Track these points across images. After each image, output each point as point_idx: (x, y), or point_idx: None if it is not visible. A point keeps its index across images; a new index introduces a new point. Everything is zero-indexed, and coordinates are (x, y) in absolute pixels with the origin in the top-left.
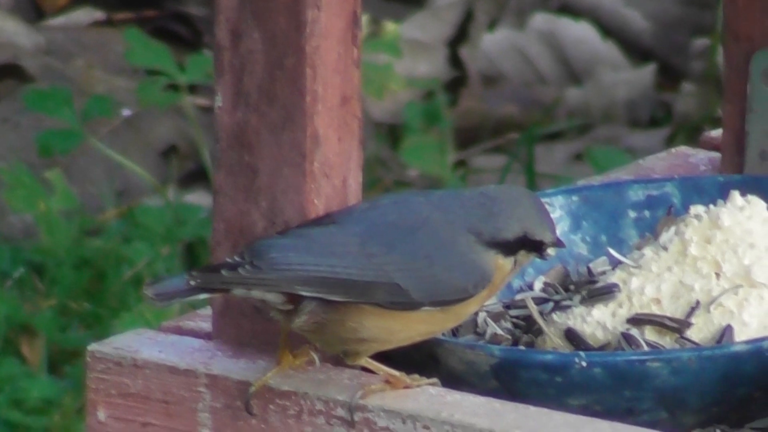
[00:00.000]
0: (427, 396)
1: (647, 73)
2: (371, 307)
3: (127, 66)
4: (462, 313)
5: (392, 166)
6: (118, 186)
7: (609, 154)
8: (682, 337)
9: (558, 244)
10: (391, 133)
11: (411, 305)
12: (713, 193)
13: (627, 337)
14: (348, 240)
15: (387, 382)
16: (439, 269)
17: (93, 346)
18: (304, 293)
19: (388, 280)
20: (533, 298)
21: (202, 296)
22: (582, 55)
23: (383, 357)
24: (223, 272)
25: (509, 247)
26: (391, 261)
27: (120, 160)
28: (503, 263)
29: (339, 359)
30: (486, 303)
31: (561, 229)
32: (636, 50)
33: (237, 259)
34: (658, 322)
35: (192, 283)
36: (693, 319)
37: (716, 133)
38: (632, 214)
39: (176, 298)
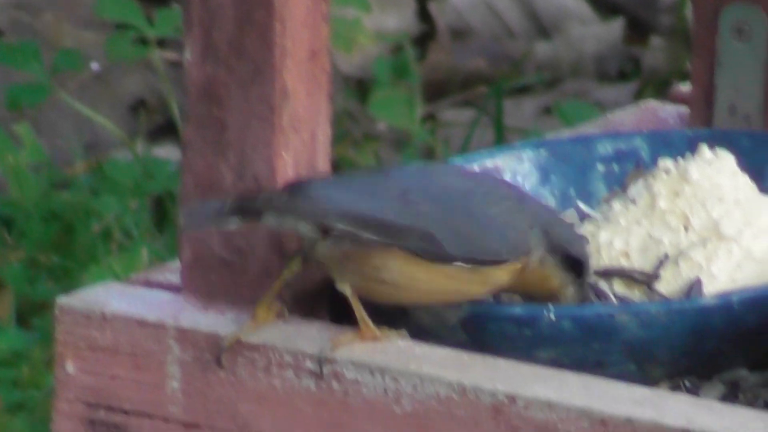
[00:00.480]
0: (395, 349)
1: (616, 27)
2: (399, 251)
3: (96, 20)
4: (489, 279)
5: (361, 120)
6: (87, 140)
7: (577, 108)
8: (651, 291)
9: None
10: (360, 88)
11: (443, 257)
12: (682, 147)
13: (595, 290)
14: (391, 186)
15: (356, 333)
16: (478, 227)
17: (61, 299)
18: (338, 225)
19: (423, 227)
20: None
21: (234, 222)
22: (550, 9)
23: (346, 313)
24: (258, 203)
25: (567, 262)
26: (430, 211)
27: (89, 114)
28: (548, 267)
29: (307, 312)
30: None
31: (530, 182)
32: (604, 4)
33: (273, 194)
34: (627, 276)
35: (228, 205)
36: (662, 273)
37: (685, 87)
38: (601, 167)
39: (208, 222)
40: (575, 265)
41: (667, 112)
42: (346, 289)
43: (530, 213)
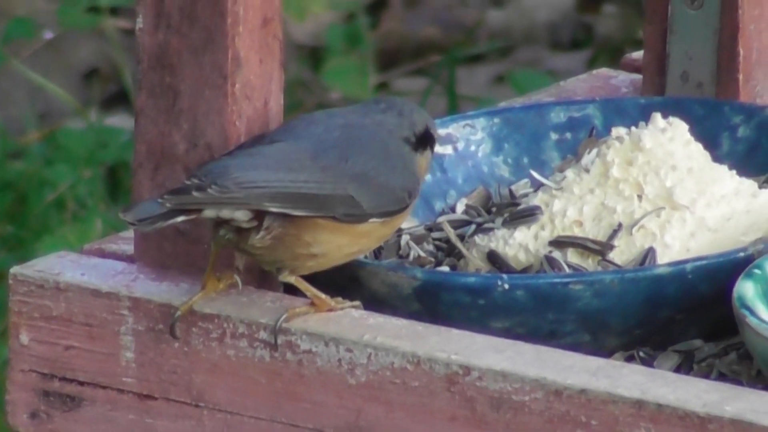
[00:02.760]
0: (349, 319)
1: None
2: (325, 222)
3: None
4: (395, 226)
5: (314, 89)
6: (40, 108)
7: (530, 77)
8: (605, 260)
9: (441, 139)
10: (313, 56)
11: (361, 217)
12: (635, 114)
13: (549, 260)
14: (300, 155)
15: (311, 304)
16: (385, 180)
17: (15, 269)
18: (272, 209)
19: (343, 192)
20: (455, 221)
21: (179, 219)
22: None
23: (307, 279)
24: (195, 194)
25: (422, 142)
26: (344, 173)
27: (42, 83)
28: (422, 162)
29: (261, 282)
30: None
31: (483, 151)
32: None
33: (196, 181)
34: (581, 245)
35: (168, 205)
36: (615, 242)
37: (637, 54)
38: (554, 136)
39: (157, 223)
40: (430, 140)
41: (619, 80)
42: (290, 279)
43: (394, 129)
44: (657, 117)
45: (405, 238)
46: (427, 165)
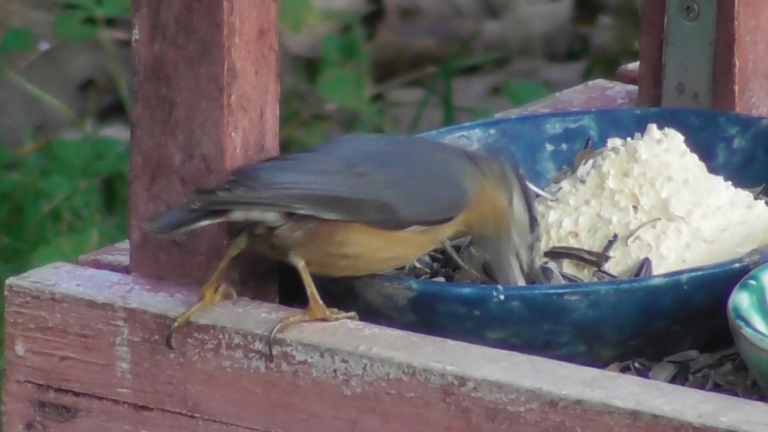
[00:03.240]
0: (345, 330)
1: (564, 6)
2: (359, 225)
3: (45, 0)
4: (439, 235)
5: (310, 100)
6: (36, 119)
7: (526, 88)
8: (600, 271)
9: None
10: (309, 67)
11: (398, 224)
12: (630, 126)
13: (545, 271)
14: (336, 161)
15: (305, 313)
16: (425, 189)
17: (11, 280)
18: (301, 211)
19: (377, 197)
20: None
21: (205, 223)
22: None
23: (295, 294)
24: (221, 194)
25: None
26: (380, 179)
27: (38, 94)
28: (492, 192)
29: (257, 293)
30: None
31: None
32: None
33: (225, 184)
34: (576, 256)
35: (195, 207)
36: (611, 253)
37: (633, 66)
38: (550, 147)
39: (182, 228)
40: (514, 173)
41: (615, 91)
42: (298, 262)
43: (454, 152)
44: (653, 128)
45: None
46: (507, 204)
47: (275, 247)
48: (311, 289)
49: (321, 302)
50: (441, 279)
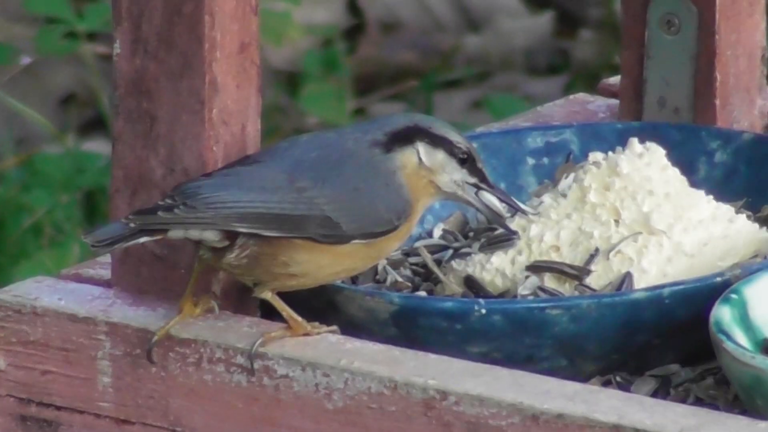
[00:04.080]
0: (326, 344)
1: (545, 20)
2: (303, 242)
3: (27, 14)
4: (385, 248)
5: (291, 114)
6: (18, 134)
7: (507, 102)
8: (582, 285)
9: (470, 150)
10: (290, 81)
11: (341, 238)
12: (612, 140)
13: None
14: (276, 176)
15: (287, 328)
16: (366, 201)
17: None
18: (240, 230)
19: (319, 213)
20: (432, 246)
21: (143, 239)
22: (480, 2)
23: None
24: (160, 213)
25: (404, 138)
26: (321, 194)
27: (19, 108)
28: (408, 160)
29: (238, 307)
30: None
31: None
32: None
33: (168, 201)
34: (558, 270)
35: (132, 225)
36: (592, 267)
37: (614, 80)
38: (531, 161)
39: (118, 243)
40: (443, 143)
41: (596, 105)
42: (266, 294)
43: (363, 142)
44: (634, 142)
45: (382, 263)
46: (417, 163)
47: (225, 271)
48: (287, 312)
49: (300, 319)
50: (423, 293)
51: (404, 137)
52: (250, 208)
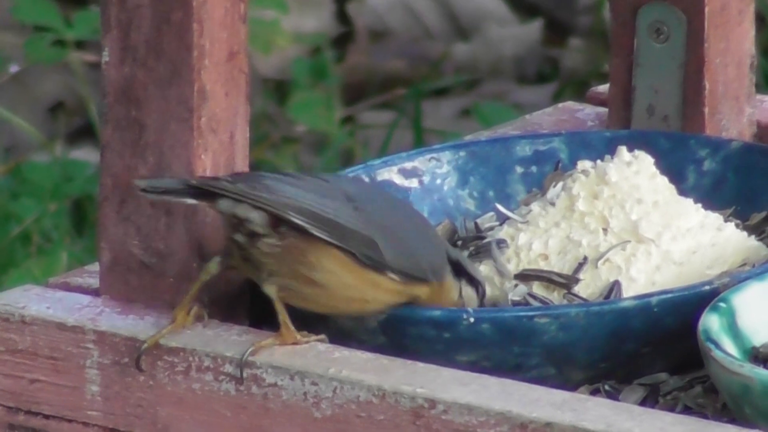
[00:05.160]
0: (315, 352)
1: (534, 28)
2: (338, 253)
3: (14, 22)
4: (409, 293)
5: (279, 122)
6: (5, 142)
7: (496, 110)
8: (570, 293)
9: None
10: (279, 89)
11: (378, 264)
12: (600, 148)
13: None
14: (336, 193)
15: (276, 337)
16: (414, 245)
17: None
18: (294, 219)
19: (368, 233)
20: None
21: (190, 201)
22: (469, 10)
23: (264, 317)
24: (219, 181)
25: (455, 268)
26: (375, 221)
27: (7, 116)
28: (452, 283)
29: (227, 315)
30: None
31: (449, 184)
32: (523, 5)
33: (230, 179)
34: (546, 278)
35: (190, 182)
36: (581, 275)
37: (603, 88)
38: (520, 169)
39: (168, 195)
40: (472, 282)
41: (585, 113)
42: (271, 291)
43: (439, 240)
44: (622, 150)
45: None
46: (461, 296)
47: (248, 259)
48: (284, 316)
49: (292, 328)
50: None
51: (456, 269)
52: (307, 205)
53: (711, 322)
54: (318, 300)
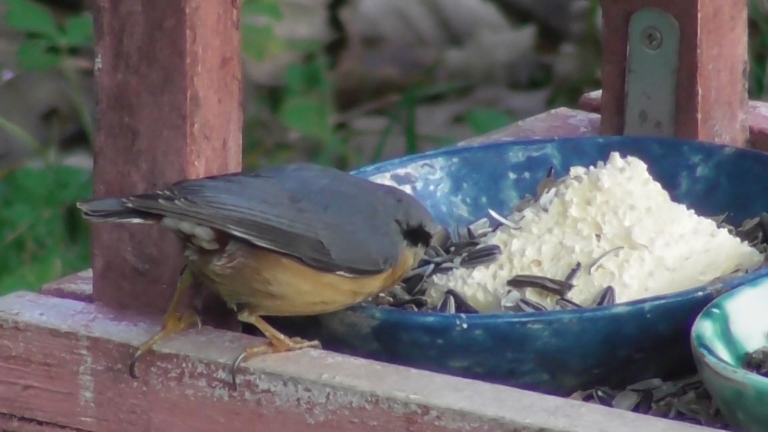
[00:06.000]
0: (308, 358)
1: (527, 34)
2: (289, 262)
3: (8, 28)
4: (365, 287)
5: (273, 129)
6: None
7: (489, 116)
8: (563, 299)
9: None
10: (272, 96)
11: (328, 266)
12: (593, 154)
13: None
14: (279, 192)
15: (269, 344)
16: (362, 237)
17: None
18: (235, 232)
19: (314, 235)
20: None
21: (136, 220)
22: (462, 16)
23: (267, 319)
24: (160, 201)
25: (413, 237)
26: (320, 219)
27: (1, 123)
28: (408, 255)
29: (220, 321)
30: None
31: (442, 190)
32: (515, 12)
33: (168, 192)
34: (539, 284)
35: (129, 205)
36: (574, 281)
37: (596, 94)
38: (512, 175)
39: (111, 218)
40: (423, 236)
41: (578, 120)
42: (249, 318)
43: (387, 216)
44: (615, 156)
45: None
46: (414, 260)
47: (206, 277)
48: (270, 332)
49: (282, 337)
50: (405, 307)
51: (414, 237)
52: (248, 215)
53: (704, 327)
54: (280, 309)
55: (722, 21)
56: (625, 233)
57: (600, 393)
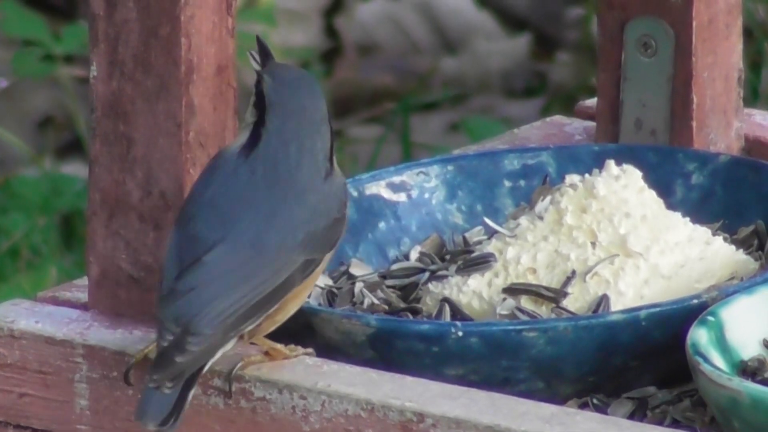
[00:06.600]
0: (303, 366)
1: (522, 42)
2: (291, 295)
3: (3, 36)
4: (324, 262)
5: None
6: None
7: (484, 124)
8: (559, 307)
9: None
10: None
11: (318, 263)
12: (588, 162)
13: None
14: (247, 255)
15: (266, 354)
16: (319, 217)
17: None
18: (249, 328)
19: (299, 260)
20: (409, 268)
21: (192, 392)
22: (457, 24)
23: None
24: (178, 360)
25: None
26: (295, 245)
27: None
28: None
29: None
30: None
31: (437, 198)
32: (510, 20)
33: (168, 335)
34: (534, 292)
35: (167, 391)
36: (569, 289)
37: (591, 102)
38: (508, 183)
39: (182, 412)
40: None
41: (573, 127)
42: (251, 341)
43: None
44: (611, 164)
45: (359, 285)
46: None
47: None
48: (268, 344)
49: (278, 347)
50: (401, 315)
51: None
52: (245, 302)
53: (699, 335)
54: (277, 324)
55: (717, 29)
56: (621, 241)
57: (595, 401)
